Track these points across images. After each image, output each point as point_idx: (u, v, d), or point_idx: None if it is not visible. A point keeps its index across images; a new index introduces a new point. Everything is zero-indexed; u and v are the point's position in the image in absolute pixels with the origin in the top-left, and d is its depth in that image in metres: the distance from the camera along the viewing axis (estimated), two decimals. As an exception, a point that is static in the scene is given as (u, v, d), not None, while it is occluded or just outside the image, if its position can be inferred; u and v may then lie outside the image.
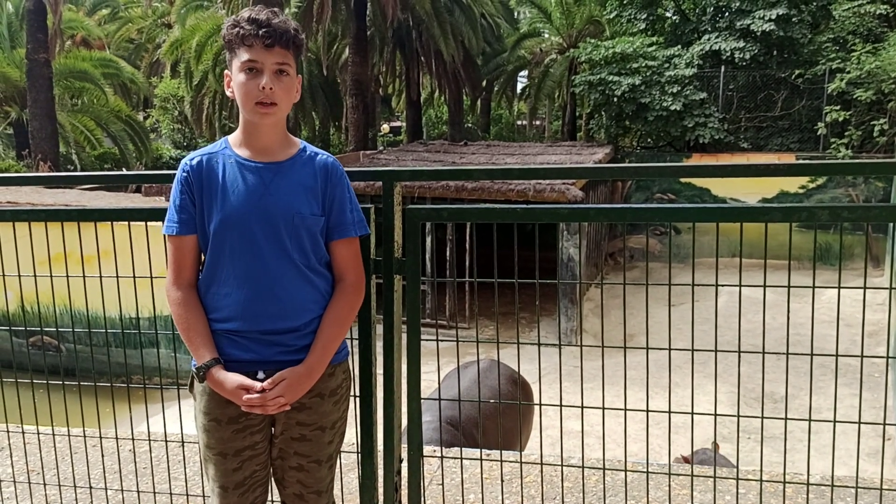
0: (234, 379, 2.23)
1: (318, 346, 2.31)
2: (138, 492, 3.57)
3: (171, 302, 2.33)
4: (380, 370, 2.97)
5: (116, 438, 3.61)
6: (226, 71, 2.34)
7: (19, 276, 3.33)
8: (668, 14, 23.04)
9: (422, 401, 3.03)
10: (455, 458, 3.92)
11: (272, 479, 2.49)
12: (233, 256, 2.27)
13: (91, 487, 3.68)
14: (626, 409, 2.83)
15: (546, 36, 28.81)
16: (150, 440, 3.71)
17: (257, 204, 2.26)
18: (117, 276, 3.10)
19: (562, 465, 3.21)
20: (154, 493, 3.53)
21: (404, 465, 3.11)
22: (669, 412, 2.87)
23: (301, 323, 2.30)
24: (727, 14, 20.08)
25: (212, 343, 2.29)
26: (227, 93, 2.34)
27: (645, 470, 3.61)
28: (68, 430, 4.00)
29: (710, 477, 3.16)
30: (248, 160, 2.30)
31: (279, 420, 2.37)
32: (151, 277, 3.05)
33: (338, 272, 2.41)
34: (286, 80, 2.26)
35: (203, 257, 2.36)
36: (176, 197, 2.32)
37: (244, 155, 2.32)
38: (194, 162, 2.33)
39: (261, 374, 2.24)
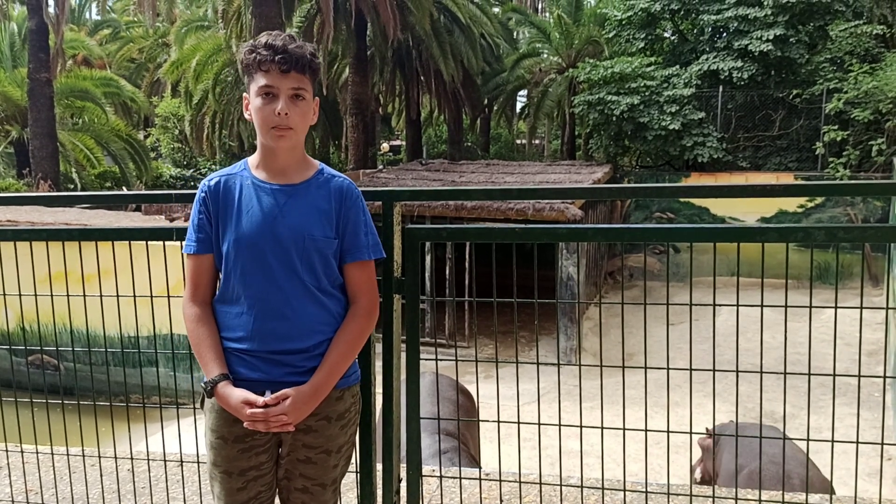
0: (238, 394, 2.24)
1: (325, 367, 2.31)
2: (137, 511, 3.57)
3: (185, 318, 2.37)
4: (379, 389, 2.97)
5: (115, 458, 3.61)
6: (244, 94, 2.38)
7: (20, 294, 3.34)
8: (666, 34, 23.18)
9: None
10: (454, 477, 3.91)
11: (278, 499, 2.49)
12: (244, 276, 2.30)
13: (89, 507, 3.67)
14: (624, 429, 2.83)
15: (545, 56, 28.94)
16: (148, 460, 3.71)
17: (270, 225, 2.29)
18: (117, 296, 3.11)
19: (560, 485, 3.21)
20: (152, 512, 3.52)
21: (403, 485, 3.11)
22: (668, 432, 2.87)
23: (310, 344, 2.31)
24: (725, 34, 20.22)
25: (222, 359, 2.31)
26: (246, 115, 2.37)
27: (644, 490, 3.61)
28: (67, 450, 3.99)
29: (710, 497, 3.16)
30: (263, 182, 2.34)
31: (286, 441, 2.38)
32: (151, 297, 3.06)
33: (351, 295, 2.42)
34: (302, 104, 2.29)
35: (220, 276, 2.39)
36: (194, 217, 2.38)
37: (261, 177, 2.35)
38: (212, 183, 2.37)
39: (268, 394, 2.25)
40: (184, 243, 2.42)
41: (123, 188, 25.16)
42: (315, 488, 2.42)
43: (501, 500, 3.54)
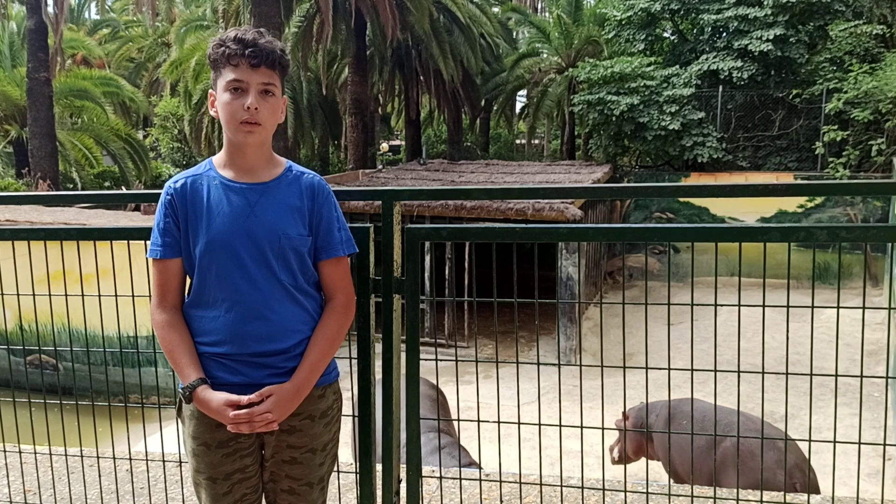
0: (219, 397, 2.19)
1: (306, 365, 2.28)
2: (135, 512, 3.55)
3: (155, 325, 2.31)
4: (378, 389, 2.96)
5: (114, 458, 3.60)
6: (210, 90, 2.32)
7: (18, 294, 3.33)
8: (666, 34, 23.17)
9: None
10: (454, 478, 3.90)
11: (264, 501, 2.47)
12: (220, 279, 2.25)
13: (88, 508, 3.66)
14: (625, 430, 2.82)
15: (545, 56, 28.94)
16: (147, 460, 3.69)
17: (243, 225, 2.24)
18: (116, 295, 3.10)
19: (561, 486, 3.20)
20: (151, 513, 3.51)
21: (403, 485, 3.10)
22: (669, 432, 2.86)
23: (290, 344, 2.28)
24: (725, 34, 20.21)
25: (198, 363, 2.26)
26: (212, 112, 2.31)
27: (645, 490, 3.60)
28: (65, 450, 3.98)
29: (711, 497, 3.15)
30: (232, 181, 2.28)
31: (269, 443, 2.34)
32: (150, 296, 3.05)
33: (327, 292, 2.39)
34: (271, 100, 2.25)
35: (189, 280, 2.33)
36: (160, 220, 2.30)
37: (229, 176, 2.29)
38: (178, 184, 2.30)
39: (251, 397, 2.21)
40: (148, 248, 2.36)
41: (123, 188, 25.15)
42: (302, 488, 2.40)
43: (502, 501, 3.53)
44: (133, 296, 3.12)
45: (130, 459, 3.64)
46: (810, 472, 5.42)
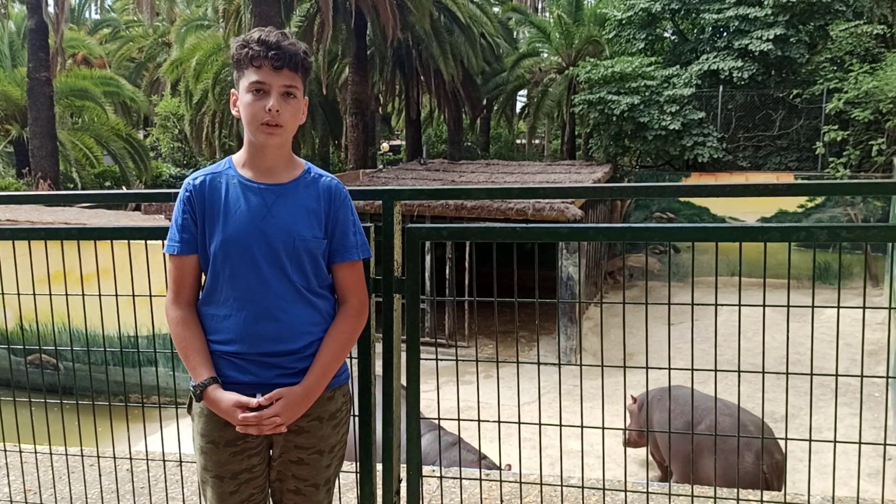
0: (230, 397, 2.20)
1: (317, 368, 2.28)
2: (136, 512, 3.55)
3: (170, 321, 2.31)
4: (379, 389, 2.96)
5: (114, 458, 3.59)
6: (232, 90, 2.33)
7: (18, 294, 3.33)
8: (666, 34, 23.17)
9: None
10: (454, 478, 3.90)
11: (270, 501, 2.47)
12: (233, 278, 2.26)
13: (88, 507, 3.66)
14: (625, 429, 2.82)
15: (545, 55, 28.91)
16: (147, 460, 3.69)
17: (258, 226, 2.24)
18: (116, 295, 3.10)
19: (561, 486, 3.20)
20: (151, 513, 3.51)
21: (403, 485, 3.10)
22: (670, 432, 2.86)
23: (301, 345, 2.28)
24: (725, 34, 20.21)
25: (210, 362, 2.27)
26: (233, 112, 2.32)
27: (645, 490, 3.59)
28: (66, 450, 3.98)
29: (711, 497, 3.15)
30: (251, 181, 2.29)
31: (277, 443, 2.35)
32: (150, 296, 3.05)
33: (340, 295, 2.40)
34: (293, 102, 2.25)
35: (204, 277, 2.34)
36: (178, 216, 2.31)
37: (248, 175, 2.30)
38: (197, 181, 2.31)
39: (259, 397, 2.21)
40: (165, 243, 2.36)
41: (123, 187, 25.16)
42: (308, 489, 2.40)
43: (502, 501, 3.53)
44: (133, 295, 3.12)
45: (131, 459, 3.64)
46: (783, 457, 5.59)
